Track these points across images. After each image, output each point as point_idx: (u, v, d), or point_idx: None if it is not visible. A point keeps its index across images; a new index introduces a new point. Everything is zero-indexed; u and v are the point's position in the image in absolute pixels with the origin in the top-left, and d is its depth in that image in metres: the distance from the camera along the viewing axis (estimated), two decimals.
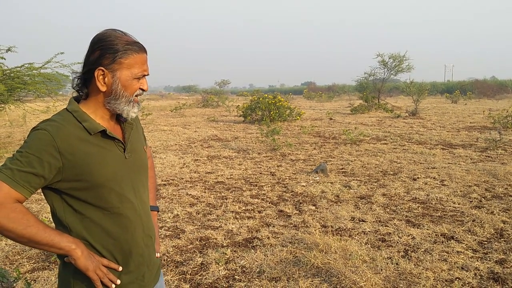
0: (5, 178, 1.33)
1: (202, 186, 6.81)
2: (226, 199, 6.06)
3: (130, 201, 1.52)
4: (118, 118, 1.58)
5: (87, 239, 1.45)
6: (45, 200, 5.79)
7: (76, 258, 1.39)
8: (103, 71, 1.42)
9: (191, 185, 6.90)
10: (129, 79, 1.45)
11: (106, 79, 1.43)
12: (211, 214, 5.37)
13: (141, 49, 1.47)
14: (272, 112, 16.69)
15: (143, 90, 1.51)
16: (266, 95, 18.21)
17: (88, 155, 1.41)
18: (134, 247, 1.54)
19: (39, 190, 1.45)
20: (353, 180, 7.07)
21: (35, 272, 3.79)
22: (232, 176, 7.52)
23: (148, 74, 1.51)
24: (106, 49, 1.41)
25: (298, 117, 17.76)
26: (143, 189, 1.62)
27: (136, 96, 1.50)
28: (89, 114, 1.46)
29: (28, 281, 3.34)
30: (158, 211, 1.94)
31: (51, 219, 5.17)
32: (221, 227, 4.91)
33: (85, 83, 1.48)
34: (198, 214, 5.38)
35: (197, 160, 9.18)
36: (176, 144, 11.57)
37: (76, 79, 1.50)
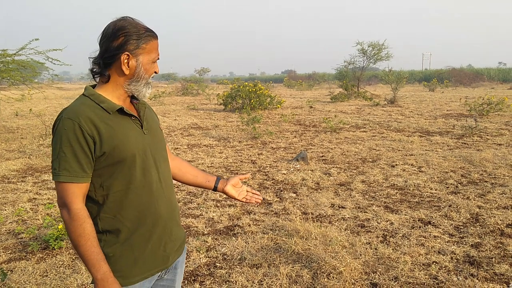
0: (65, 178, 1.45)
1: None
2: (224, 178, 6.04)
3: (152, 175, 1.61)
4: (131, 100, 1.68)
5: (114, 213, 1.54)
6: (21, 189, 5.66)
7: (97, 286, 1.48)
8: (128, 55, 1.52)
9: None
10: (149, 62, 1.58)
11: (130, 63, 1.53)
12: (191, 203, 5.35)
13: (156, 35, 1.60)
14: (252, 101, 16.65)
15: (156, 73, 1.64)
16: (246, 83, 18.13)
17: (112, 132, 1.50)
18: (157, 219, 1.63)
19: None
20: (333, 167, 7.13)
21: (12, 263, 3.72)
22: (212, 165, 7.50)
23: (159, 59, 1.64)
24: (131, 35, 1.52)
25: (278, 106, 17.77)
26: (165, 164, 1.71)
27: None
28: (106, 96, 1.55)
29: (4, 271, 3.29)
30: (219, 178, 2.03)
31: (27, 209, 5.08)
32: (202, 215, 4.90)
33: (106, 68, 1.56)
34: (179, 202, 5.35)
35: (177, 148, 9.12)
36: None
37: (93, 65, 1.58)
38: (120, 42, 1.51)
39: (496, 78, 47.70)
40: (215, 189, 1.99)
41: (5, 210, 5.08)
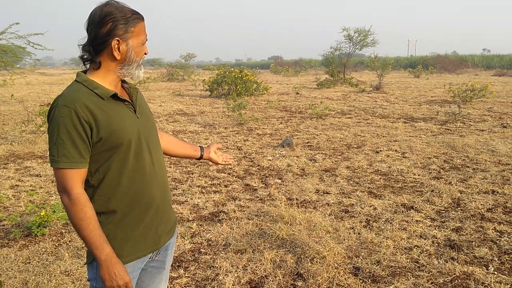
0: (64, 164, 1.48)
1: (167, 161, 6.75)
2: (192, 173, 6.04)
3: (145, 158, 1.65)
4: (122, 85, 1.70)
5: (107, 195, 1.58)
6: (2, 176, 5.58)
7: (102, 267, 1.53)
8: (118, 41, 1.54)
9: None
10: (139, 45, 1.60)
11: (120, 48, 1.55)
12: (176, 189, 5.34)
13: (142, 17, 1.62)
14: (238, 87, 16.57)
15: (146, 54, 1.66)
16: (232, 69, 18.03)
17: (108, 117, 1.53)
18: (150, 201, 1.67)
19: None
20: (318, 153, 7.17)
21: None
22: None
23: (148, 40, 1.66)
24: (118, 21, 1.53)
25: (264, 92, 17.73)
26: (157, 148, 1.75)
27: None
28: (99, 82, 1.57)
29: None
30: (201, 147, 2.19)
31: (9, 196, 5.01)
32: (187, 201, 4.90)
33: (96, 54, 1.57)
34: None
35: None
36: None
37: (82, 52, 1.59)
38: (108, 28, 1.52)
39: (480, 65, 48.18)
40: (201, 157, 2.14)
41: None
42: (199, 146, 2.16)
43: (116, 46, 1.54)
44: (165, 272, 1.89)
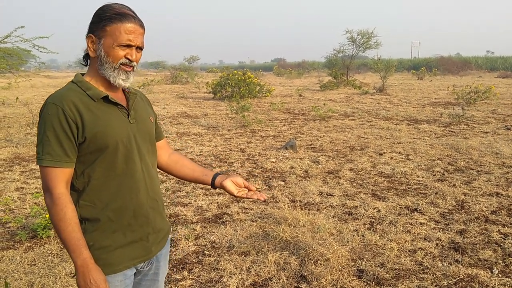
0: (48, 162, 1.45)
1: None
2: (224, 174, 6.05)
3: (135, 163, 1.59)
4: (123, 89, 1.67)
5: (94, 200, 1.54)
6: (8, 179, 5.61)
7: (78, 273, 1.48)
8: (92, 37, 1.52)
9: None
10: (112, 46, 1.51)
11: (94, 45, 1.53)
12: (180, 191, 5.35)
13: (130, 19, 1.52)
14: (242, 89, 16.59)
15: (129, 59, 1.55)
16: (236, 72, 18.05)
17: (95, 119, 1.50)
18: (138, 208, 1.61)
19: None
20: (322, 155, 7.17)
21: (0, 252, 3.71)
22: (201, 153, 7.49)
23: (136, 45, 1.55)
24: (96, 17, 1.52)
25: (268, 94, 17.74)
26: (149, 155, 1.69)
27: (123, 64, 1.55)
28: (92, 83, 1.56)
29: None
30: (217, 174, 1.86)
31: (14, 198, 5.04)
32: (191, 203, 4.91)
33: (86, 52, 1.59)
34: (168, 191, 5.35)
35: (166, 137, 9.04)
36: None
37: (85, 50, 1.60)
38: (89, 25, 1.54)
39: (483, 67, 48.02)
40: (212, 184, 1.83)
41: None
42: (216, 172, 1.87)
43: (90, 43, 1.53)
44: (160, 285, 1.82)
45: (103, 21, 1.50)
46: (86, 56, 1.61)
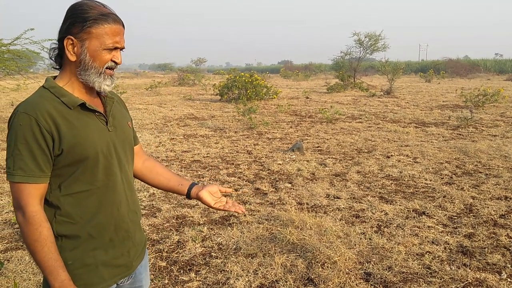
0: (21, 178, 1.33)
1: (179, 165, 6.79)
2: (203, 177, 6.06)
3: (116, 174, 1.50)
4: (99, 93, 1.54)
5: (73, 216, 1.42)
6: (7, 193, 5.65)
7: None
8: (72, 40, 1.38)
9: (167, 164, 6.86)
10: (98, 49, 1.40)
11: (75, 48, 1.39)
12: None
13: (115, 20, 1.42)
14: (248, 91, 16.61)
15: (115, 63, 1.46)
16: (243, 74, 18.07)
17: (72, 129, 1.38)
18: (120, 222, 1.52)
19: None
20: (329, 158, 7.15)
21: (8, 252, 3.73)
22: (208, 155, 7.50)
23: (121, 47, 1.46)
24: (76, 18, 1.37)
25: (274, 96, 17.74)
26: (128, 164, 1.59)
27: (108, 68, 1.45)
28: (66, 89, 1.43)
29: (1, 261, 3.30)
30: (195, 184, 1.81)
31: None
32: (198, 205, 4.92)
33: (60, 54, 1.44)
34: (173, 192, 5.35)
35: (173, 139, 9.11)
36: (151, 123, 11.44)
37: (52, 50, 1.46)
38: (66, 25, 1.39)
39: (492, 69, 47.69)
40: (188, 195, 1.76)
41: (1, 200, 5.08)
42: (192, 182, 1.80)
43: (70, 46, 1.38)
44: None
45: (86, 22, 1.37)
46: (58, 58, 1.46)
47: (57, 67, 1.49)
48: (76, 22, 1.37)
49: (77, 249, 1.44)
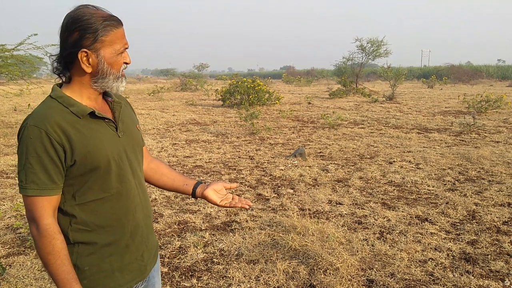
0: (33, 191, 1.33)
1: (181, 170, 6.78)
2: (205, 183, 6.05)
3: (129, 180, 1.50)
4: (105, 98, 1.54)
5: (88, 224, 1.42)
6: (9, 198, 5.65)
7: None
8: (86, 52, 1.36)
9: None
10: (113, 55, 1.40)
11: (90, 59, 1.37)
12: (189, 198, 5.36)
13: (119, 22, 1.42)
14: (251, 96, 16.63)
15: (126, 63, 1.47)
16: (245, 79, 18.11)
17: (83, 138, 1.37)
18: (136, 227, 1.53)
19: None
20: (331, 163, 7.14)
21: (10, 257, 3.73)
22: (210, 160, 7.50)
23: (128, 47, 1.47)
24: (85, 29, 1.34)
25: (277, 101, 17.76)
26: (140, 168, 1.60)
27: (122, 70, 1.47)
28: (75, 98, 1.41)
29: (3, 266, 3.30)
30: (200, 183, 1.82)
31: None
32: (200, 211, 4.91)
33: (67, 66, 1.41)
34: (176, 198, 5.36)
35: (175, 144, 9.12)
36: (154, 128, 11.45)
37: (55, 63, 1.42)
38: (75, 38, 1.35)
39: (495, 75, 47.68)
40: (193, 194, 1.76)
41: (4, 205, 5.08)
42: (197, 181, 1.80)
43: (85, 58, 1.36)
44: None
45: (97, 31, 1.35)
46: (62, 68, 1.42)
47: (63, 79, 1.45)
48: (86, 34, 1.35)
49: (93, 254, 1.44)
